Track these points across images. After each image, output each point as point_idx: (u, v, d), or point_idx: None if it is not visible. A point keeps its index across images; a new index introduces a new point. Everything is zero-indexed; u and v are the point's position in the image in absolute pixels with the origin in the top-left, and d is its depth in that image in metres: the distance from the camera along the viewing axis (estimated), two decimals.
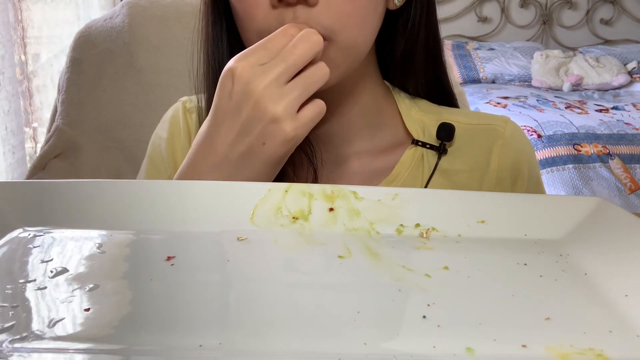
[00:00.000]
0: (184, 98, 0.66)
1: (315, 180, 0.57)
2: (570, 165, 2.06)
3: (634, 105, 2.48)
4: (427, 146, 0.60)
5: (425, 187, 0.58)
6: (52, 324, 0.30)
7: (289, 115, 0.46)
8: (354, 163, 0.60)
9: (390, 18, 0.57)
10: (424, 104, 0.63)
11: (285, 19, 0.49)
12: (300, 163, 0.58)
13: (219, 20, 0.57)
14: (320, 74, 0.47)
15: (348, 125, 0.60)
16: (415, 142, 0.60)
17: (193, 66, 0.60)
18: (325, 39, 0.49)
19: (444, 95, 0.64)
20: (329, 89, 0.57)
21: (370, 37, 0.54)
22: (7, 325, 0.30)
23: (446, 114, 0.62)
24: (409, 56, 0.60)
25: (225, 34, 0.57)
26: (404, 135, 0.61)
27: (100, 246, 0.39)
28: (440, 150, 0.59)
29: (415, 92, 0.63)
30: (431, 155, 0.60)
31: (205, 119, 0.56)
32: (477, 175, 0.60)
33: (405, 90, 0.63)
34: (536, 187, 0.62)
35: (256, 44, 0.47)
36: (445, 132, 0.59)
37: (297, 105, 0.46)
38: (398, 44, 0.60)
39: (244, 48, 0.56)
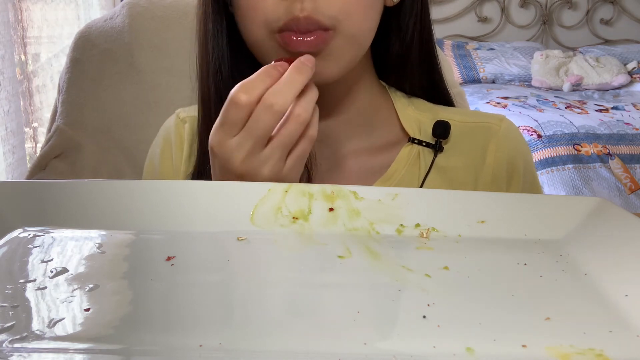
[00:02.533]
0: (179, 110, 0.66)
1: (309, 181, 0.57)
2: (570, 165, 2.06)
3: (634, 105, 2.48)
4: (423, 144, 0.60)
5: (422, 184, 0.59)
6: (52, 324, 0.30)
7: (276, 175, 0.48)
8: (350, 161, 0.60)
9: (386, 17, 0.57)
10: (420, 102, 0.63)
11: (294, 10, 0.49)
12: None
13: (219, 15, 0.57)
14: (296, 127, 0.48)
15: (345, 124, 0.60)
16: (412, 140, 0.60)
17: (192, 66, 0.60)
18: (330, 28, 0.50)
19: (440, 94, 0.64)
20: (327, 89, 0.57)
21: (371, 29, 0.55)
22: (7, 325, 0.30)
23: (442, 112, 0.62)
24: (404, 55, 0.61)
25: (225, 30, 0.57)
26: (401, 133, 0.62)
27: (100, 246, 0.39)
28: (436, 148, 0.60)
29: (411, 91, 0.64)
30: (427, 153, 0.60)
31: (199, 127, 0.57)
32: (473, 172, 0.60)
33: (402, 90, 0.64)
34: (531, 184, 0.63)
35: (220, 115, 0.48)
36: (441, 130, 0.60)
37: (282, 162, 0.48)
38: (393, 43, 0.60)
39: (243, 44, 0.56)
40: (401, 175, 0.59)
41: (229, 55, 0.57)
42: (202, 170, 0.59)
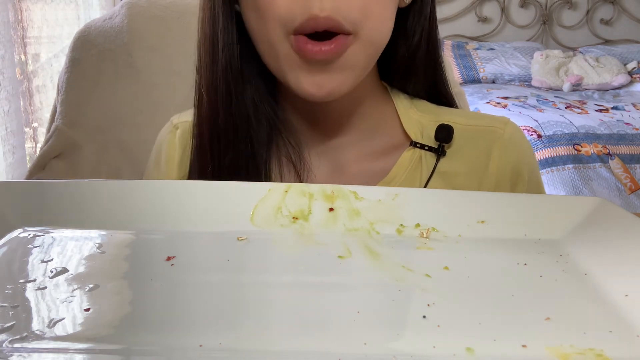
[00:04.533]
0: (174, 117, 0.64)
1: None
2: (570, 165, 2.06)
3: (634, 105, 2.48)
4: (426, 148, 0.59)
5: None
6: (52, 324, 0.30)
7: None
8: (351, 166, 0.60)
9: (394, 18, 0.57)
10: (423, 104, 0.62)
11: (312, 8, 0.47)
12: (288, 171, 0.58)
13: (230, 10, 0.54)
14: None
15: (348, 129, 0.59)
16: (414, 144, 0.59)
17: (191, 66, 0.59)
18: (350, 32, 0.48)
19: (443, 96, 0.63)
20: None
21: (388, 34, 0.53)
22: (7, 325, 0.30)
23: (445, 115, 0.61)
24: (410, 58, 0.59)
25: (235, 25, 0.55)
26: (403, 137, 0.61)
27: (100, 246, 0.39)
28: (439, 152, 0.59)
29: (415, 93, 0.63)
30: (429, 157, 0.59)
31: (199, 122, 0.56)
32: (476, 177, 0.59)
33: (404, 91, 0.63)
34: (536, 190, 0.62)
35: None
36: (444, 134, 0.59)
37: None
38: (399, 45, 0.59)
39: (252, 46, 0.54)
40: (402, 180, 0.58)
41: (238, 52, 0.55)
42: (202, 169, 0.58)
